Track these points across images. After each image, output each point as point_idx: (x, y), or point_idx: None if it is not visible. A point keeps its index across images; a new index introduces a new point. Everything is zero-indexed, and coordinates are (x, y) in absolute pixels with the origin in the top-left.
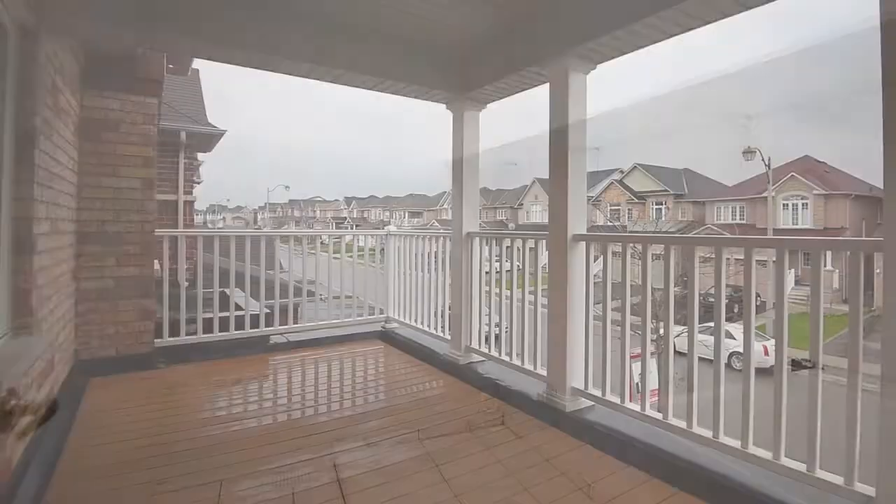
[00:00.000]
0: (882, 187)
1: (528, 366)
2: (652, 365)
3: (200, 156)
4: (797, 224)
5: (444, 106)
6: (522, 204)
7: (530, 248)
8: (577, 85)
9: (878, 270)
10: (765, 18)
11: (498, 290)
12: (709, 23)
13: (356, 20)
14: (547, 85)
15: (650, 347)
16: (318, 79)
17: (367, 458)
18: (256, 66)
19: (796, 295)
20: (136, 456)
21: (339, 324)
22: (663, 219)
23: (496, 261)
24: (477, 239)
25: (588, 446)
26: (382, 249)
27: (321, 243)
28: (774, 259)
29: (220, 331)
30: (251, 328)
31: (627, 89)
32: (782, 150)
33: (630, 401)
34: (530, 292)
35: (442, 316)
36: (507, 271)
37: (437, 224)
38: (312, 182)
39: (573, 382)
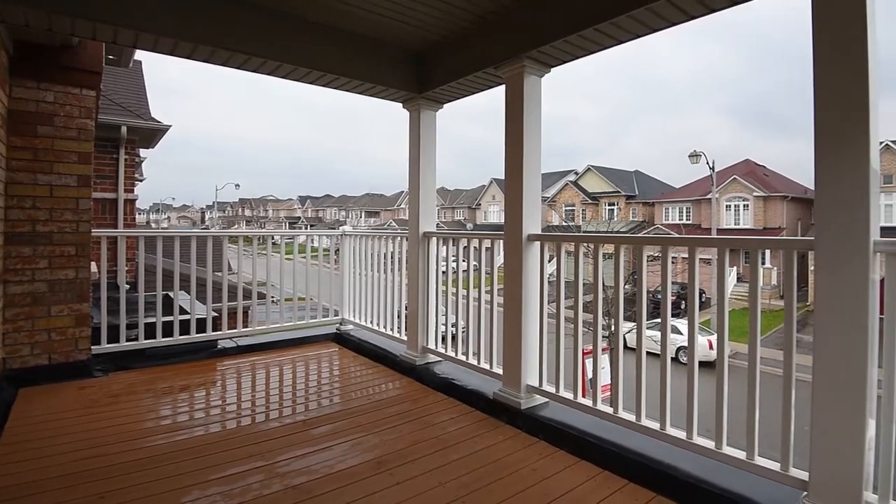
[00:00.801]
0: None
1: (485, 365)
2: (605, 361)
3: (143, 152)
4: (739, 224)
5: (400, 105)
6: (480, 204)
7: (487, 248)
8: (532, 87)
9: (812, 267)
10: (716, 27)
11: (455, 290)
12: (657, 31)
13: (310, 14)
14: (503, 86)
15: (602, 344)
16: (269, 73)
17: (320, 464)
18: (202, 59)
19: (738, 292)
20: (74, 470)
21: (292, 327)
22: (615, 219)
23: (453, 261)
24: (434, 239)
25: (542, 443)
26: (337, 250)
27: (273, 244)
28: (707, 258)
29: (164, 336)
30: (197, 333)
31: (586, 91)
32: (726, 154)
33: (584, 396)
34: (487, 292)
35: (398, 317)
36: (464, 271)
37: (394, 224)
38: (265, 180)
39: (528, 380)
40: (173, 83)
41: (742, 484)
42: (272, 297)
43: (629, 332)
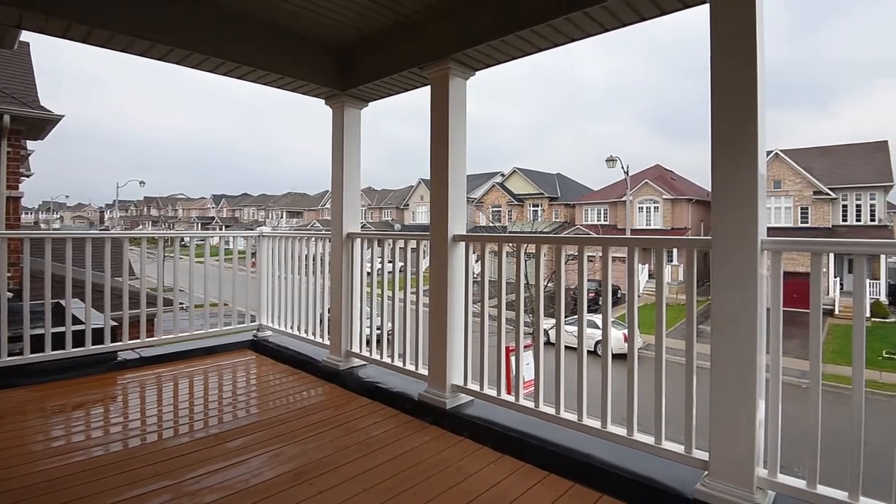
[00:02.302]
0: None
1: (410, 366)
2: (529, 357)
3: (31, 144)
4: (650, 224)
5: (322, 102)
6: (409, 205)
7: (412, 249)
8: (458, 89)
9: None
10: (635, 36)
11: (380, 292)
12: (575, 40)
13: (223, 1)
14: (429, 87)
15: (526, 341)
16: (177, 63)
17: (234, 479)
18: (98, 44)
19: (650, 288)
20: None
21: (204, 335)
22: (539, 219)
23: (378, 262)
24: (358, 240)
25: (467, 441)
26: (255, 252)
27: (182, 245)
28: (623, 256)
29: (55, 348)
30: (94, 344)
31: (512, 94)
32: (639, 158)
33: (509, 393)
34: (413, 293)
35: (321, 321)
36: (390, 273)
37: (318, 224)
38: (174, 177)
39: (453, 379)
40: (68, 68)
41: (652, 467)
42: (181, 303)
43: (552, 328)
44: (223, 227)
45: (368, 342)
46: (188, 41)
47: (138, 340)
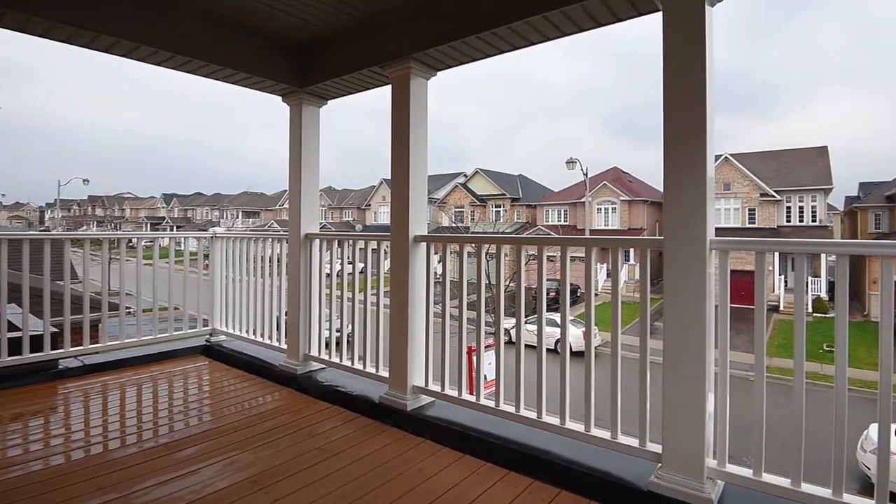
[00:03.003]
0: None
1: (371, 369)
2: (490, 356)
3: None
4: (608, 225)
5: (279, 98)
6: (370, 205)
7: (373, 250)
8: (419, 89)
9: None
10: (596, 41)
11: (340, 294)
12: (534, 44)
13: None
14: (390, 86)
15: (487, 341)
16: (123, 55)
17: (185, 490)
18: (36, 34)
19: (609, 287)
20: None
21: (153, 340)
22: (501, 220)
23: (338, 263)
24: (317, 241)
25: (428, 442)
26: (207, 254)
27: (129, 247)
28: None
29: None
30: (32, 352)
31: (476, 95)
32: (598, 161)
33: (471, 392)
34: (373, 294)
35: (278, 325)
36: (350, 274)
37: (276, 225)
38: (122, 175)
39: (414, 381)
40: (9, 56)
41: (608, 462)
42: (128, 307)
43: (513, 327)
44: (174, 228)
45: (328, 345)
46: (135, 33)
47: (81, 347)
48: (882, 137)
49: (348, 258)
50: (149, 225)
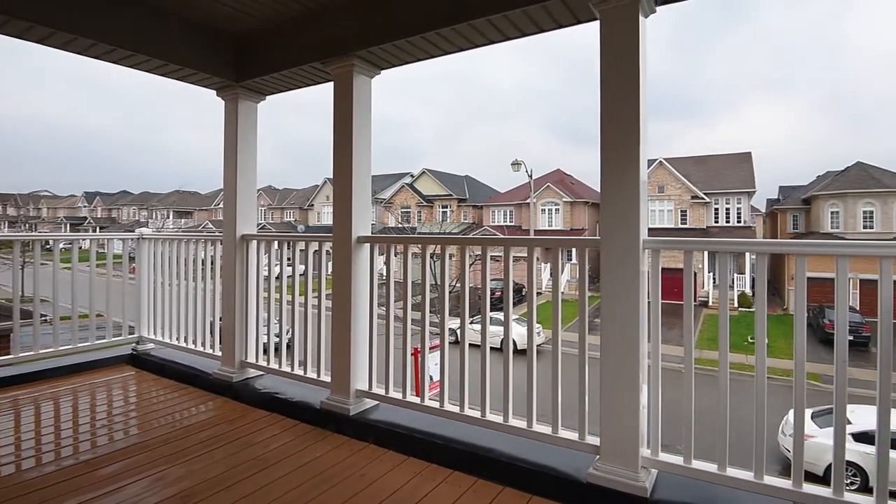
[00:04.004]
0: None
1: (312, 374)
2: (437, 357)
3: None
4: (552, 225)
5: (214, 93)
6: (313, 205)
7: (314, 251)
8: (362, 87)
9: None
10: (541, 44)
11: (279, 297)
12: (478, 46)
13: None
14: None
15: (433, 341)
16: (38, 41)
17: None
18: None
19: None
20: None
21: (72, 350)
22: (448, 220)
23: (276, 265)
24: (254, 242)
25: (372, 446)
26: (134, 256)
27: (45, 249)
28: (537, 256)
29: None
30: None
31: (424, 95)
32: (543, 163)
33: (417, 394)
34: (315, 297)
35: (212, 330)
36: (289, 277)
37: (211, 226)
38: (37, 172)
39: (357, 384)
40: None
41: (550, 457)
42: (43, 315)
43: (459, 327)
44: (97, 229)
45: (266, 351)
46: (51, 18)
47: None
48: (799, 144)
49: (288, 260)
50: (68, 225)
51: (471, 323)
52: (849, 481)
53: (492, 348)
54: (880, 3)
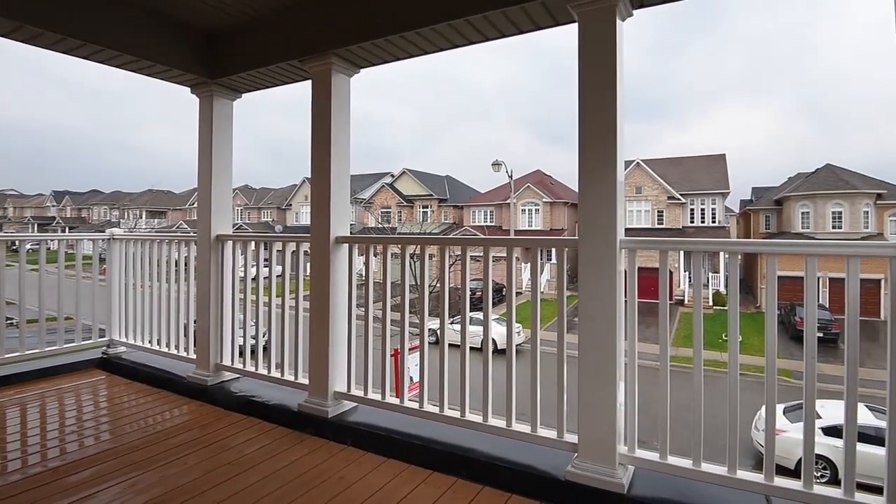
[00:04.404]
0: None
1: (290, 376)
2: (417, 358)
3: None
4: (532, 226)
5: (188, 90)
6: (291, 204)
7: (292, 252)
8: (341, 86)
9: None
10: (522, 45)
11: (255, 298)
12: (458, 46)
13: None
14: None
15: (413, 342)
16: (4, 36)
17: None
18: None
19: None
20: None
21: (39, 355)
22: (428, 221)
23: (253, 266)
24: (229, 243)
25: (350, 448)
26: (104, 257)
27: (11, 250)
28: (517, 256)
29: None
30: None
31: (405, 94)
32: (523, 163)
33: (396, 395)
34: (292, 298)
35: (186, 333)
36: (266, 278)
37: (185, 226)
38: (3, 170)
39: (336, 386)
40: None
41: (529, 455)
42: (9, 318)
43: (440, 328)
44: (67, 229)
45: (242, 353)
46: (17, 12)
47: None
48: (771, 146)
49: (265, 261)
50: (35, 226)
51: (451, 323)
52: (819, 474)
53: (472, 348)
54: (849, 12)
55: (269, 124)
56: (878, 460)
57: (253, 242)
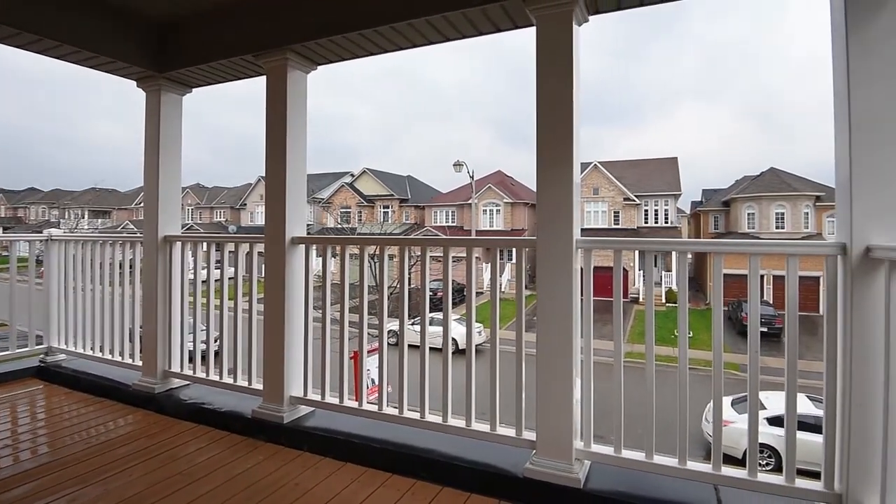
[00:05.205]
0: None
1: (243, 382)
2: (377, 360)
3: None
4: (493, 226)
5: (134, 83)
6: (246, 204)
7: (246, 253)
8: (297, 82)
9: None
10: (485, 46)
11: (206, 301)
12: (418, 46)
13: None
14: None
15: (373, 344)
16: None
17: None
18: None
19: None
20: None
21: None
22: (389, 221)
23: (204, 268)
24: (178, 244)
25: (307, 454)
26: (41, 260)
27: None
28: (478, 256)
29: None
30: None
31: (367, 92)
32: (485, 163)
33: (356, 399)
34: (246, 301)
35: (132, 338)
36: (217, 280)
37: (132, 226)
38: None
39: (292, 391)
40: None
41: (489, 454)
42: None
43: (399, 328)
44: (0, 230)
45: (192, 359)
46: None
47: None
48: (722, 149)
49: (216, 262)
50: None
51: (412, 324)
52: (765, 462)
53: (433, 349)
54: (795, 23)
55: (224, 120)
56: (818, 447)
57: (204, 243)
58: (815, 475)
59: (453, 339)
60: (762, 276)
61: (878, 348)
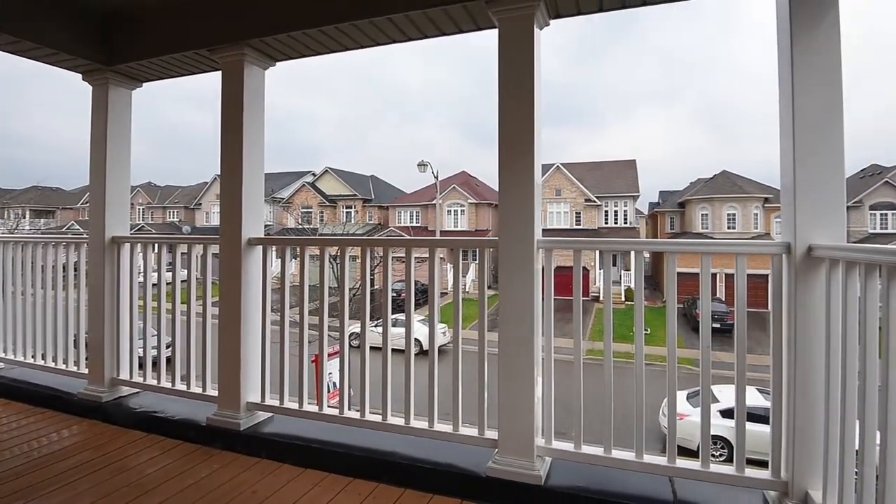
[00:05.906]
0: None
1: (197, 388)
2: (336, 364)
3: None
4: (458, 226)
5: (80, 76)
6: (201, 204)
7: (200, 255)
8: (255, 78)
9: None
10: (454, 47)
11: (157, 306)
12: (381, 45)
13: None
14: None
15: (332, 347)
16: None
17: None
18: None
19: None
20: None
21: None
22: (352, 221)
23: (155, 271)
24: (126, 245)
25: (265, 461)
26: None
27: None
28: (442, 256)
29: None
30: None
31: (330, 90)
32: (450, 164)
33: (317, 403)
34: (200, 304)
35: (77, 345)
36: (169, 283)
37: (77, 227)
38: None
39: (249, 397)
40: None
41: (452, 454)
42: None
43: (360, 330)
44: None
45: (142, 366)
46: None
47: None
48: (678, 152)
49: (168, 264)
50: None
51: (374, 326)
52: (718, 453)
53: (396, 350)
54: (748, 32)
55: (176, 116)
56: (768, 438)
57: (155, 245)
58: (764, 464)
59: (417, 340)
60: (715, 275)
61: (819, 342)
